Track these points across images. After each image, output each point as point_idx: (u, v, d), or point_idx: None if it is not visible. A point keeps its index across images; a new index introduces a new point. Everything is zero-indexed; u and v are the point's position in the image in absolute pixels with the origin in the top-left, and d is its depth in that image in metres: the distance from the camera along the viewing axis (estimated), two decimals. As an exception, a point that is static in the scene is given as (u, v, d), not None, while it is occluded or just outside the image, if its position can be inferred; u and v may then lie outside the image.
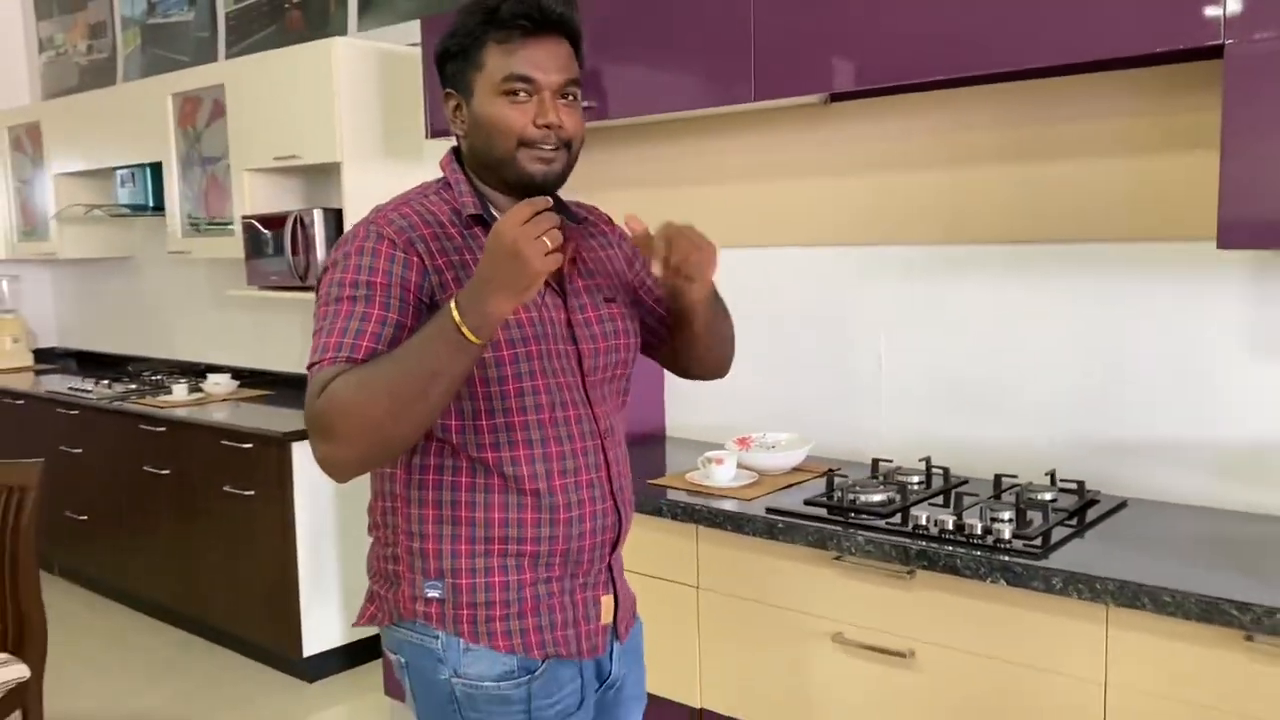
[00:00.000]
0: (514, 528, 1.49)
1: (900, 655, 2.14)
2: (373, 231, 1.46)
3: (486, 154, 1.49)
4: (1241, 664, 1.75)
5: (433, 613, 1.51)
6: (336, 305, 1.42)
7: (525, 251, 1.26)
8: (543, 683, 1.51)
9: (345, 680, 3.72)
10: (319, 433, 1.35)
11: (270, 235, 3.89)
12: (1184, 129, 2.26)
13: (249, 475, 3.72)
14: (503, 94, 1.45)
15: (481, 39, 1.45)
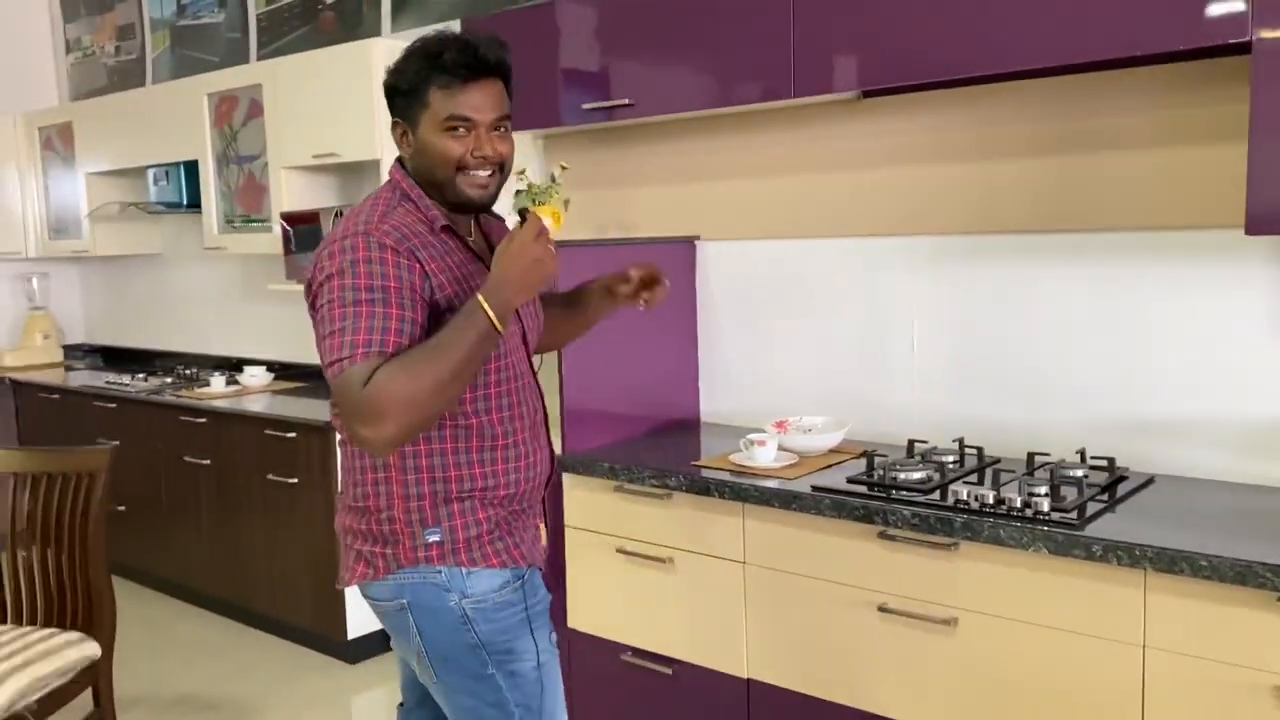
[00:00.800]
0: (490, 478, 1.83)
1: (945, 623, 2.26)
2: (373, 242, 1.68)
3: (429, 175, 1.77)
4: (1273, 622, 1.86)
5: (434, 554, 1.80)
6: (355, 308, 1.63)
7: (545, 260, 1.65)
8: (529, 585, 1.88)
9: (387, 661, 3.83)
10: (367, 418, 1.58)
11: (309, 230, 3.99)
12: (1206, 122, 2.37)
13: (292, 463, 3.83)
14: (445, 129, 1.73)
15: (427, 81, 1.72)
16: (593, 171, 3.49)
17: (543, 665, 1.87)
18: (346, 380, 1.60)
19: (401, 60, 1.76)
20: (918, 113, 2.82)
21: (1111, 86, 2.50)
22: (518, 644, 1.84)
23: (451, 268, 1.75)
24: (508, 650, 1.83)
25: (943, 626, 2.26)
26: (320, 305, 1.69)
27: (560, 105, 3.17)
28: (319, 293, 1.70)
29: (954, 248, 2.81)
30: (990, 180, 2.72)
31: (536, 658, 1.86)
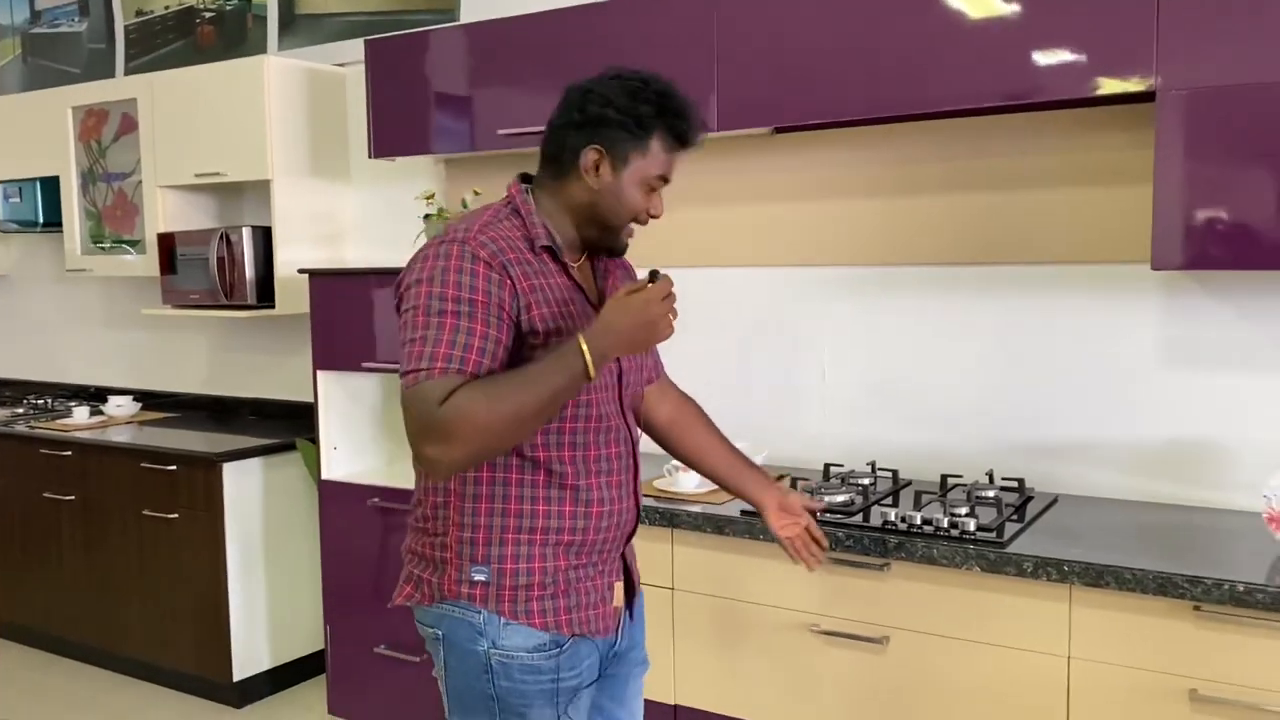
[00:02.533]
0: (554, 519, 1.70)
1: (876, 642, 2.33)
2: (467, 252, 1.61)
3: (602, 213, 1.72)
4: (1190, 631, 2.00)
5: (476, 594, 1.69)
6: (440, 318, 1.57)
7: (660, 324, 1.60)
8: (568, 656, 1.71)
9: (277, 703, 3.66)
10: (438, 437, 1.51)
11: (191, 253, 3.81)
12: (1111, 164, 2.55)
13: (171, 498, 3.63)
14: (644, 183, 1.71)
15: (652, 130, 1.68)
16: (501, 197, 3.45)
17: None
18: (420, 394, 1.53)
19: (626, 93, 1.67)
20: (832, 148, 2.93)
21: (1022, 128, 2.65)
22: (534, 712, 1.70)
23: (544, 289, 1.66)
24: (521, 715, 1.70)
25: (874, 645, 2.33)
26: (405, 310, 1.63)
27: (472, 130, 3.14)
28: (404, 296, 1.64)
29: (866, 279, 2.91)
30: (902, 214, 2.85)
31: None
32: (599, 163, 1.68)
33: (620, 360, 1.77)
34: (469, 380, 1.53)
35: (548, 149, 1.74)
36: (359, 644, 3.20)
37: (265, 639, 3.67)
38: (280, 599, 3.70)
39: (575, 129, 1.69)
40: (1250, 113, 2.12)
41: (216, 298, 3.77)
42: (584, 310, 1.71)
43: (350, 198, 3.89)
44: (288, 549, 3.71)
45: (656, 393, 2.04)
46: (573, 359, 1.55)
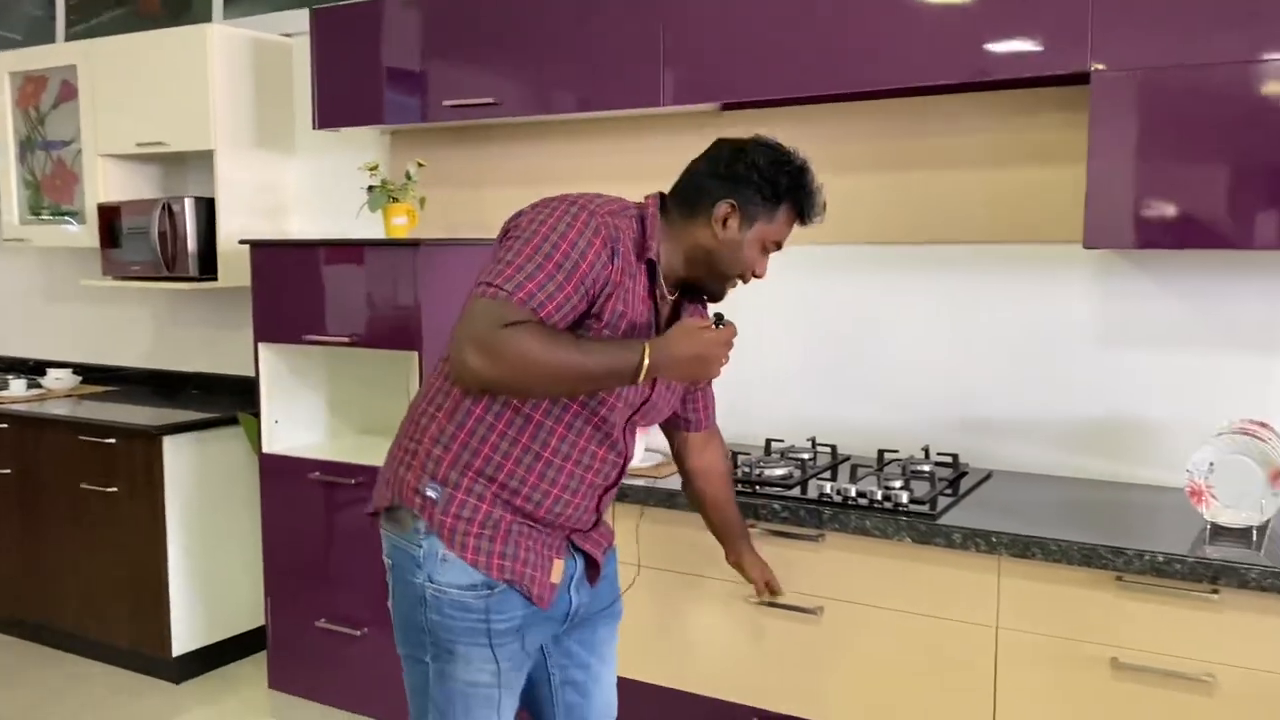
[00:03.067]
0: (516, 480, 1.78)
1: (811, 613, 2.36)
2: (593, 223, 1.70)
3: (718, 261, 1.84)
4: (1112, 600, 2.05)
5: (427, 508, 1.78)
6: (545, 259, 1.64)
7: (714, 365, 1.74)
8: (499, 599, 1.79)
9: (217, 678, 3.63)
10: (488, 352, 1.59)
11: (133, 224, 3.75)
12: (1045, 145, 2.59)
13: (110, 471, 3.58)
14: (762, 244, 1.85)
15: (783, 200, 1.83)
16: (448, 170, 3.44)
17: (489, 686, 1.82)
18: (492, 308, 1.60)
19: (770, 160, 1.81)
20: (775, 126, 2.91)
21: (958, 109, 2.69)
22: (461, 649, 1.79)
23: (630, 291, 1.75)
24: (449, 650, 1.80)
25: (810, 616, 2.36)
26: (514, 236, 1.69)
27: (418, 101, 3.12)
28: (517, 227, 1.71)
29: (809, 257, 2.93)
30: (841, 194, 2.84)
31: (495, 676, 1.81)
32: (729, 216, 1.80)
33: (656, 383, 1.85)
34: (537, 321, 1.62)
35: (684, 189, 1.87)
36: (300, 618, 3.18)
37: (205, 614, 3.64)
38: (221, 574, 3.67)
39: (718, 179, 1.82)
40: (1182, 94, 2.16)
41: (158, 270, 3.71)
42: (648, 329, 1.80)
43: (295, 169, 3.84)
44: (229, 524, 3.68)
45: (703, 440, 2.14)
46: (631, 354, 1.65)
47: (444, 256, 2.92)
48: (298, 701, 3.25)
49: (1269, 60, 2.08)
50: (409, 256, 2.86)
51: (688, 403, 2.08)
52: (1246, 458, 2.12)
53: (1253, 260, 2.42)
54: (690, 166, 1.90)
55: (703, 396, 2.11)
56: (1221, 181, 2.15)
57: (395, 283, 2.90)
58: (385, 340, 2.94)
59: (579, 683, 2.01)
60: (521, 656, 1.86)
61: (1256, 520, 2.11)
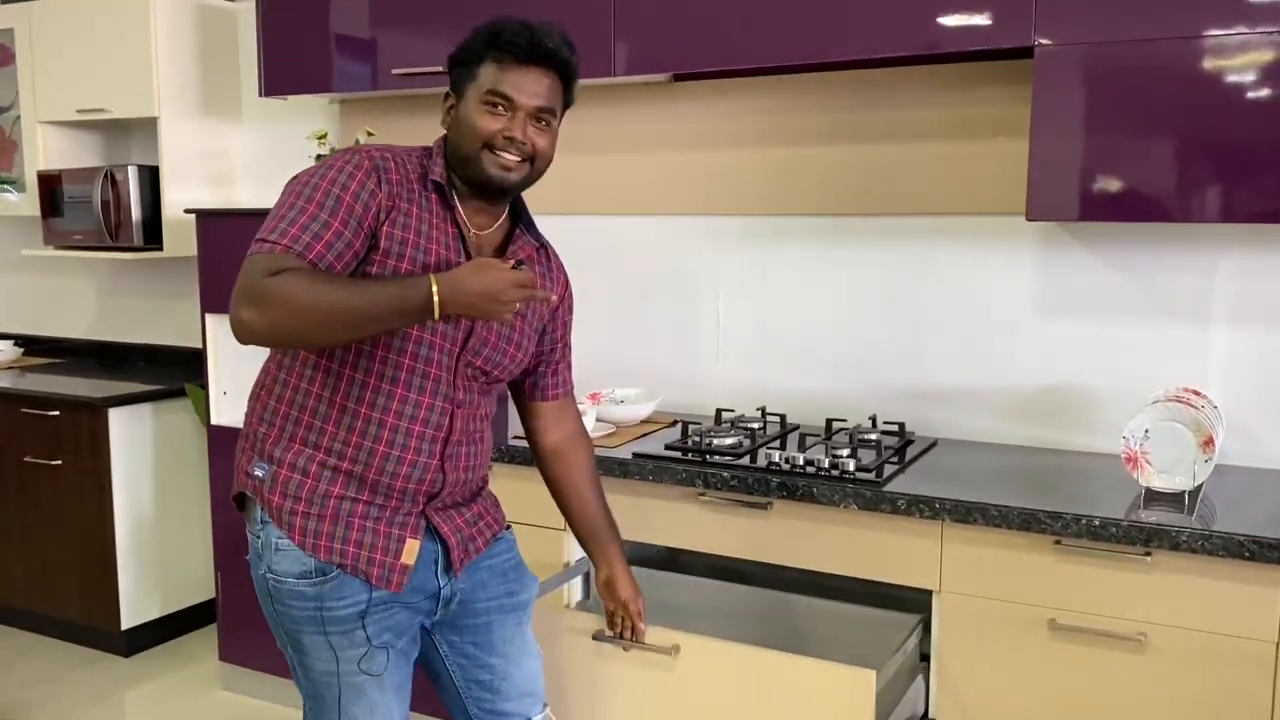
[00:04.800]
0: (338, 442, 1.73)
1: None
2: (355, 158, 1.69)
3: (458, 149, 1.74)
4: (1051, 563, 2.11)
5: (255, 488, 1.76)
6: (305, 204, 1.63)
7: (504, 306, 1.59)
8: (333, 586, 1.73)
9: (167, 651, 3.62)
10: (254, 301, 1.53)
11: (75, 192, 3.68)
12: (990, 118, 2.62)
13: (54, 444, 3.54)
14: (484, 104, 1.71)
15: (481, 56, 1.71)
16: (397, 139, 3.37)
17: (339, 676, 1.76)
18: (256, 261, 1.58)
19: (468, 37, 1.75)
20: (726, 98, 2.95)
21: (906, 81, 2.71)
22: (305, 639, 1.75)
23: (415, 217, 1.70)
24: (297, 640, 1.77)
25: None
26: (281, 196, 1.68)
27: (366, 69, 3.08)
28: (288, 186, 1.69)
29: (758, 228, 2.96)
30: (793, 165, 2.89)
31: (336, 666, 1.76)
32: (451, 106, 1.76)
33: (476, 324, 1.76)
34: (305, 266, 1.57)
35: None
36: (251, 590, 3.16)
37: (155, 587, 3.61)
38: (171, 546, 3.64)
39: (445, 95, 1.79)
40: (1123, 69, 2.20)
41: (101, 239, 3.65)
42: (451, 256, 1.72)
43: (243, 137, 3.79)
44: (179, 496, 3.65)
45: (553, 413, 2.01)
46: (416, 290, 1.56)
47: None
48: (249, 673, 3.25)
49: (1209, 36, 2.12)
50: (358, 226, 2.83)
51: (540, 364, 1.96)
52: (1180, 425, 2.18)
53: (1189, 233, 2.48)
54: None
55: (555, 360, 1.98)
56: (1161, 156, 2.20)
57: (344, 253, 2.87)
58: (335, 311, 2.91)
59: (484, 680, 1.93)
60: (379, 642, 1.76)
61: (1189, 485, 2.17)
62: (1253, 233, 2.42)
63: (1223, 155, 2.14)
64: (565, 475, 2.03)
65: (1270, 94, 2.09)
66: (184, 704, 3.29)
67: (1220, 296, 2.47)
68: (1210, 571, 1.98)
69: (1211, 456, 2.15)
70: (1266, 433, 2.45)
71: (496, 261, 1.62)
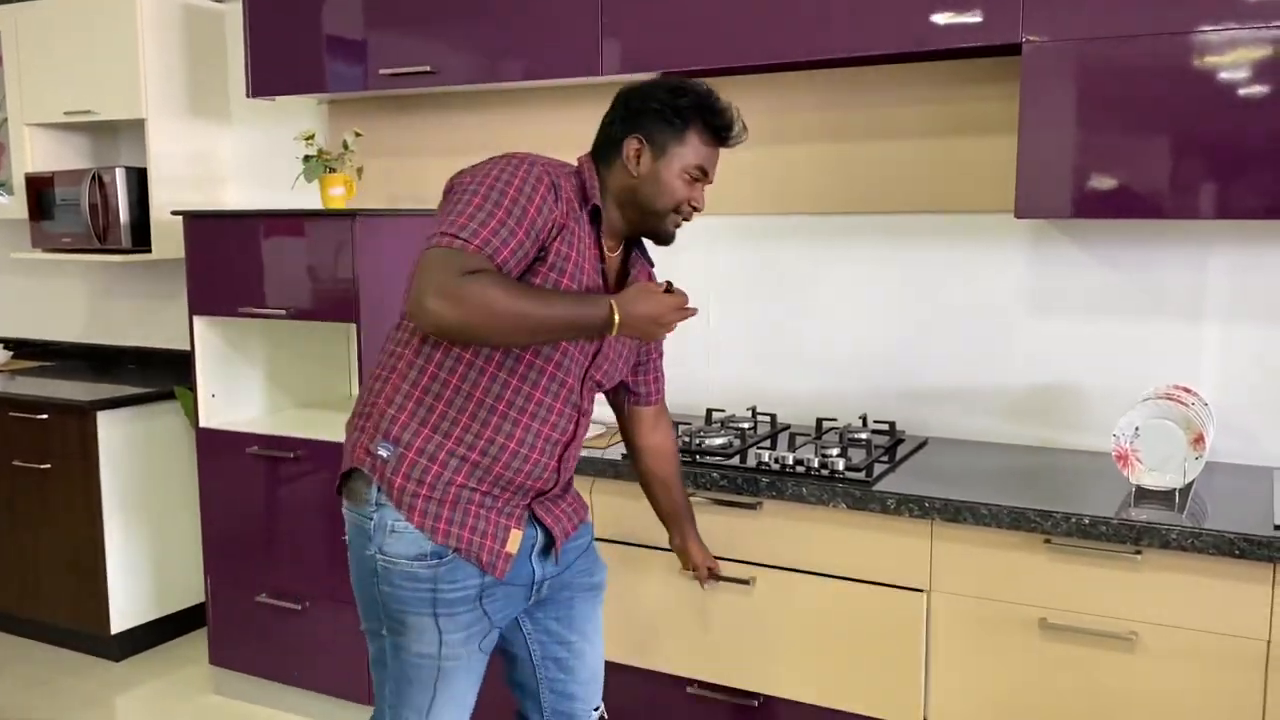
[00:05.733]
0: (470, 434, 1.78)
1: (744, 582, 2.38)
2: (535, 170, 1.74)
3: (644, 201, 1.85)
4: (1041, 562, 2.10)
5: (376, 467, 1.78)
6: (493, 208, 1.67)
7: (665, 328, 1.77)
8: (448, 569, 1.78)
9: (157, 655, 3.60)
10: (449, 296, 1.59)
11: (63, 195, 3.66)
12: (981, 115, 2.61)
13: (44, 447, 3.52)
14: (684, 173, 1.83)
15: (692, 124, 1.82)
16: (386, 140, 3.40)
17: (441, 660, 1.80)
18: (451, 256, 1.61)
19: (666, 89, 1.83)
20: (714, 95, 2.93)
21: (897, 80, 2.70)
22: (412, 619, 1.79)
23: (573, 233, 1.77)
24: (400, 622, 1.80)
25: (742, 585, 2.39)
26: (459, 190, 1.71)
27: (355, 69, 3.07)
28: (464, 183, 1.72)
29: (750, 227, 2.95)
30: (784, 164, 2.88)
31: (438, 649, 1.80)
32: (640, 151, 1.82)
33: (606, 339, 1.85)
34: (494, 270, 1.64)
35: (598, 143, 1.89)
36: (240, 594, 3.15)
37: (146, 590, 3.60)
38: (162, 550, 3.63)
39: (622, 122, 1.84)
40: (1112, 65, 2.19)
41: (90, 242, 3.64)
42: (594, 276, 1.81)
43: (231, 139, 3.77)
44: (169, 499, 3.63)
45: (652, 418, 2.14)
46: (599, 308, 1.69)
47: (381, 227, 2.89)
48: (240, 677, 3.23)
49: (1196, 32, 2.11)
50: (345, 227, 2.82)
51: (640, 374, 2.08)
52: (1170, 422, 2.17)
53: (1179, 230, 2.47)
54: (601, 121, 1.91)
55: (654, 370, 2.12)
56: (1149, 152, 2.19)
57: (332, 254, 2.86)
58: (323, 312, 2.90)
59: (561, 659, 2.02)
60: (482, 626, 1.83)
61: (1179, 483, 2.16)
62: (1243, 229, 2.41)
63: (1212, 151, 2.13)
64: (656, 469, 2.17)
65: (1258, 90, 2.08)
66: (175, 708, 3.27)
67: (1211, 293, 2.46)
68: (1200, 569, 1.98)
69: (1202, 454, 2.15)
70: (1257, 430, 2.45)
71: (654, 286, 1.76)
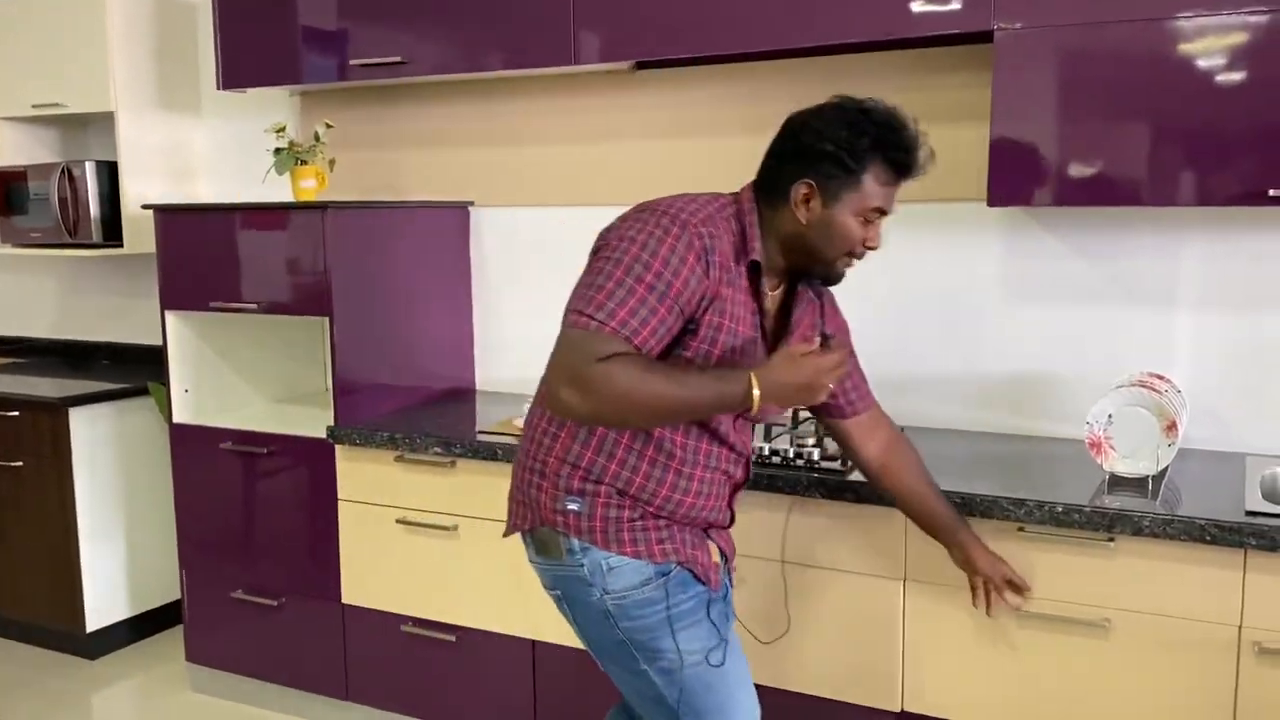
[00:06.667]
0: (646, 493, 1.75)
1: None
2: (686, 237, 1.64)
3: (811, 246, 1.74)
4: (1014, 550, 2.10)
5: (570, 523, 1.75)
6: (635, 283, 1.60)
7: (820, 391, 1.65)
8: (676, 582, 1.76)
9: (134, 653, 3.57)
10: (581, 386, 1.56)
11: (32, 189, 3.62)
12: (953, 103, 2.61)
13: (16, 445, 3.48)
14: (859, 215, 1.71)
15: (869, 164, 1.68)
16: (359, 132, 3.37)
17: (694, 665, 1.77)
18: (585, 340, 1.57)
19: (842, 125, 1.68)
20: (689, 86, 2.92)
21: (870, 68, 2.69)
22: (662, 644, 1.75)
23: (730, 300, 1.69)
24: (654, 650, 1.76)
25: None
26: (603, 256, 1.65)
27: (326, 60, 3.04)
28: (608, 245, 1.66)
29: (723, 216, 2.93)
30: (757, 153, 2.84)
31: (680, 659, 1.76)
32: (809, 197, 1.70)
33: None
34: (632, 352, 1.57)
35: (763, 178, 1.77)
36: (216, 590, 3.13)
37: (122, 588, 3.57)
38: (136, 547, 3.60)
39: (789, 160, 1.72)
40: (1084, 53, 2.19)
41: (60, 236, 3.59)
42: (752, 333, 1.74)
43: (203, 132, 3.74)
44: (144, 496, 3.60)
45: (867, 425, 2.01)
46: (736, 386, 1.61)
47: (354, 220, 2.87)
48: (216, 674, 3.21)
49: (1169, 19, 2.11)
50: (317, 220, 2.80)
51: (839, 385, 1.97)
52: (1143, 409, 2.17)
53: (1153, 217, 2.47)
54: (768, 149, 1.79)
55: (854, 372, 2.01)
56: (1121, 140, 2.18)
57: (303, 247, 2.83)
58: (295, 306, 2.88)
59: None
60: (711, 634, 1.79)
61: (1152, 470, 2.17)
62: (1217, 216, 2.42)
63: (1185, 139, 2.13)
64: (897, 483, 2.02)
65: (1232, 77, 2.08)
66: (151, 706, 3.25)
67: (1184, 281, 2.47)
68: (1173, 556, 1.98)
69: (1175, 441, 2.15)
70: (1230, 416, 2.45)
71: (800, 349, 1.64)
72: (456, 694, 2.78)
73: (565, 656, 2.59)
